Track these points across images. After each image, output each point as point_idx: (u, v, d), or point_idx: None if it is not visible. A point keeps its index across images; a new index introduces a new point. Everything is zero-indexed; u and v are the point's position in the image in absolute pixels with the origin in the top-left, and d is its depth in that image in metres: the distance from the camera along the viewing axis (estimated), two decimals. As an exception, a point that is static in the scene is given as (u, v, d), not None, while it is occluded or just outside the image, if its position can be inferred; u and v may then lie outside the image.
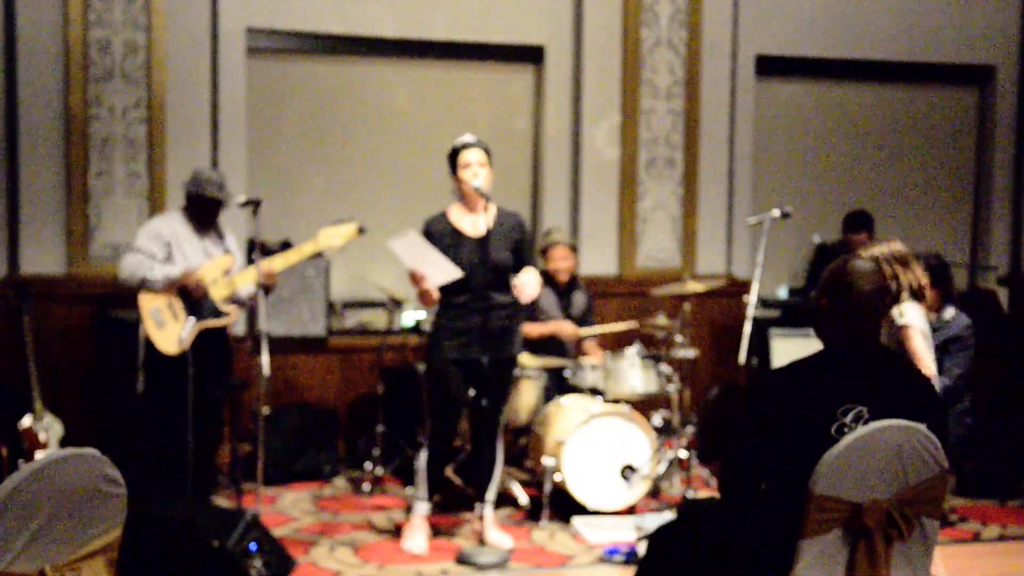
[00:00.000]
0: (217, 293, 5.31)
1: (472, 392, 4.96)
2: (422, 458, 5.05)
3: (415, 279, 4.82)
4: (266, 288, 5.27)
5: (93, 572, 2.50)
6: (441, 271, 4.78)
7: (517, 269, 4.99)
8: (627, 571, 4.64)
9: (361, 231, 5.35)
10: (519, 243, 5.02)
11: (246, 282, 5.32)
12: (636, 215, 7.03)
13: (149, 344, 5.27)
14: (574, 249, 6.31)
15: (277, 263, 5.35)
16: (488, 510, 5.03)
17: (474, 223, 4.96)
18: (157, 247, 5.30)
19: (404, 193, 6.86)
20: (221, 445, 5.83)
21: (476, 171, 4.89)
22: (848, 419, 2.79)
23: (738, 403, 4.91)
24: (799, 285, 7.29)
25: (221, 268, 5.36)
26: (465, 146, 4.93)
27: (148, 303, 5.26)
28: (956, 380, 5.40)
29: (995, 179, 7.74)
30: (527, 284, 4.83)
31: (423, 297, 4.86)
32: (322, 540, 5.11)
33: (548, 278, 6.25)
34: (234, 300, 5.40)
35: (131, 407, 5.63)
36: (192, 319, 5.18)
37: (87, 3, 6.11)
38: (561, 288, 6.25)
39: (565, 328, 6.14)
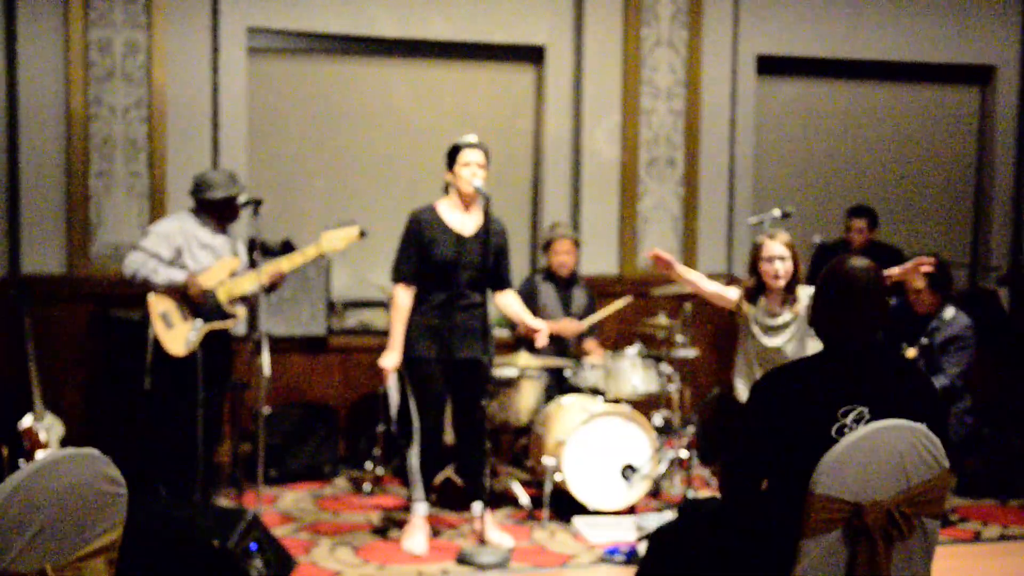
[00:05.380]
0: (223, 295, 5.31)
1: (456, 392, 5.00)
2: (414, 458, 5.05)
3: None
4: (271, 286, 5.29)
5: (93, 572, 2.50)
6: None
7: (494, 275, 5.12)
8: (627, 571, 4.64)
9: (362, 235, 5.36)
10: (501, 250, 5.13)
11: (249, 285, 5.31)
12: (637, 215, 7.03)
13: (156, 345, 5.27)
14: (577, 244, 6.31)
15: (282, 265, 5.36)
16: (484, 508, 5.02)
17: (463, 221, 5.01)
18: (165, 249, 5.28)
19: (405, 193, 6.85)
20: (221, 444, 5.83)
21: (475, 171, 4.93)
22: (849, 419, 2.79)
23: (739, 403, 4.92)
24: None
25: (227, 270, 5.36)
26: (468, 145, 4.97)
27: (158, 305, 5.26)
28: (956, 379, 5.40)
29: (996, 179, 7.73)
30: (543, 335, 5.15)
31: None
32: (322, 540, 5.11)
33: (549, 274, 6.25)
34: (240, 301, 5.40)
35: (135, 407, 5.63)
36: (200, 321, 5.20)
37: (88, 3, 6.12)
38: (562, 284, 6.25)
39: (567, 327, 6.13)
